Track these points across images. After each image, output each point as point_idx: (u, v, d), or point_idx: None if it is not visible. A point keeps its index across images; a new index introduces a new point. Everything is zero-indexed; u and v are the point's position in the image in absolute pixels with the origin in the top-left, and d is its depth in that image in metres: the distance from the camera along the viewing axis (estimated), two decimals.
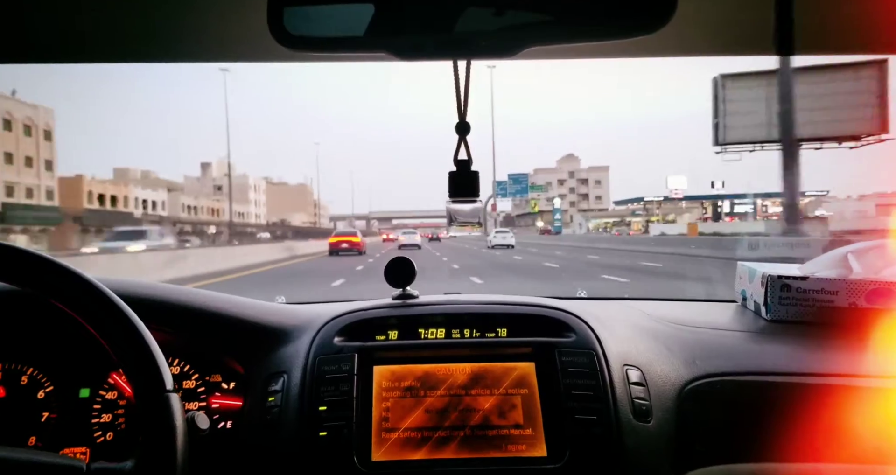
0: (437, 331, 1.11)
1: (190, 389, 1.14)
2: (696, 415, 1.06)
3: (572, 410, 0.99)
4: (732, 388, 1.09)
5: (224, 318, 1.16)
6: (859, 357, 1.14)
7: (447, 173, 0.97)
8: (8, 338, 1.13)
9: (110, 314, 0.82)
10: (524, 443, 0.98)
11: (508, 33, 0.73)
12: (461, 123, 0.93)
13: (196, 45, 1.03)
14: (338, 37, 0.75)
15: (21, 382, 1.12)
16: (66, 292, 0.83)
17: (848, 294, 1.29)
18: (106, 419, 1.11)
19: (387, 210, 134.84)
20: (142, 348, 0.81)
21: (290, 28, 0.72)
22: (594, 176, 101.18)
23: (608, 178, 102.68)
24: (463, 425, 0.99)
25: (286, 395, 1.03)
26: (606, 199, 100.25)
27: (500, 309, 1.14)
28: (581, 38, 0.73)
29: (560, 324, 1.11)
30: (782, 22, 0.98)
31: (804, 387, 1.08)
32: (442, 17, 0.72)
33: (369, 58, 0.90)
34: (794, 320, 1.31)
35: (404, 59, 0.76)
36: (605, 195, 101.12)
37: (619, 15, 0.71)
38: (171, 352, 1.12)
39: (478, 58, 0.86)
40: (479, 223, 1.04)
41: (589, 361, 1.04)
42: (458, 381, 1.03)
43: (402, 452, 0.97)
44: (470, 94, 0.93)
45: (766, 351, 1.21)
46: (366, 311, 1.14)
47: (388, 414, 1.00)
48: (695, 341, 1.20)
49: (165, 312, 1.13)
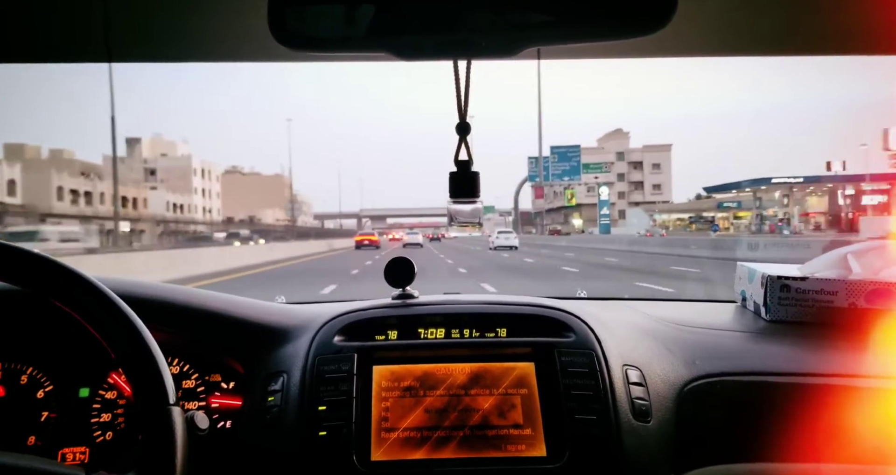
0: (437, 331, 1.11)
1: (189, 389, 1.14)
2: (695, 415, 1.06)
3: (572, 410, 0.99)
4: (732, 389, 1.09)
5: (224, 318, 1.16)
6: (859, 357, 1.14)
7: (448, 173, 0.97)
8: (8, 337, 1.13)
9: (111, 315, 0.82)
10: (523, 443, 0.98)
11: (509, 33, 0.73)
12: (461, 124, 0.93)
13: (197, 45, 1.03)
14: (338, 36, 0.75)
15: (21, 382, 1.12)
16: (67, 293, 0.83)
17: (847, 294, 1.29)
18: (105, 419, 1.11)
19: (380, 208, 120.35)
20: (144, 357, 0.80)
21: (291, 28, 0.72)
22: (651, 158, 73.95)
23: (670, 162, 74.83)
24: (462, 425, 0.99)
25: (286, 395, 1.03)
26: (668, 188, 74.15)
27: (500, 309, 1.14)
28: (581, 38, 0.73)
29: (560, 324, 1.11)
30: (782, 22, 0.98)
31: (804, 388, 1.08)
32: (442, 17, 0.72)
33: (370, 58, 0.91)
34: (794, 320, 1.32)
35: (405, 59, 0.77)
36: (666, 183, 74.25)
37: (619, 15, 0.71)
38: (170, 352, 1.12)
39: (478, 58, 0.87)
40: (480, 223, 1.04)
41: (588, 361, 1.04)
42: (457, 381, 1.03)
43: (401, 452, 0.97)
44: (471, 93, 0.93)
45: (765, 351, 1.21)
46: (365, 311, 1.14)
47: (388, 413, 1.00)
48: (694, 341, 1.20)
49: (165, 312, 1.13)
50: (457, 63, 0.90)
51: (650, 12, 0.69)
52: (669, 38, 0.85)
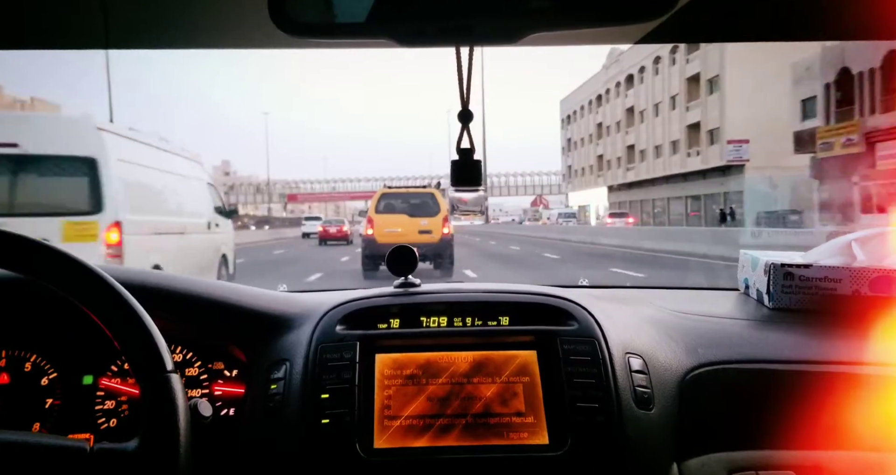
0: (439, 320, 1.11)
1: (192, 377, 1.15)
2: (697, 403, 1.07)
3: (574, 398, 0.99)
4: (734, 376, 1.09)
5: (226, 306, 1.16)
6: (862, 345, 1.14)
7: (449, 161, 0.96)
8: (11, 325, 1.14)
9: (108, 299, 0.82)
10: (526, 431, 0.98)
11: (511, 19, 0.73)
12: (464, 111, 0.93)
13: (196, 31, 1.03)
14: (339, 23, 0.74)
15: (25, 369, 1.12)
16: (65, 278, 0.83)
17: (851, 282, 1.29)
18: (109, 406, 1.11)
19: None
20: (140, 330, 0.81)
21: (291, 14, 0.71)
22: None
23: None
24: (465, 413, 1.00)
25: (288, 383, 1.03)
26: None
27: (502, 297, 1.14)
28: (584, 23, 0.73)
29: (562, 312, 1.11)
30: (784, 7, 0.97)
31: (807, 376, 1.08)
32: (444, 3, 0.71)
33: (370, 44, 0.90)
34: (797, 308, 1.31)
35: (406, 45, 0.76)
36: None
37: (622, 1, 0.70)
38: (173, 340, 1.12)
39: (480, 44, 0.86)
40: (482, 212, 1.03)
41: (591, 349, 1.04)
42: (459, 369, 1.04)
43: (404, 440, 0.97)
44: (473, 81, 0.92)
45: (768, 339, 1.21)
46: (367, 300, 1.14)
47: (391, 401, 1.01)
48: (697, 329, 1.20)
49: (167, 300, 1.13)
50: (459, 50, 0.89)
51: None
52: (673, 23, 0.84)
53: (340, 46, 1.10)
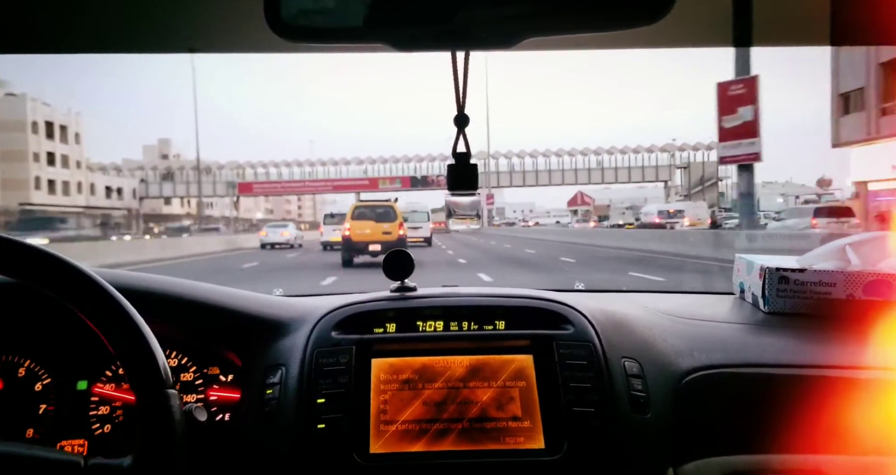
0: (436, 324, 1.11)
1: (188, 382, 1.14)
2: (693, 407, 1.07)
3: (570, 403, 0.99)
4: (730, 381, 1.09)
5: (222, 311, 1.15)
6: (857, 349, 1.14)
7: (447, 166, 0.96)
8: (5, 330, 1.13)
9: (107, 307, 0.82)
10: (522, 436, 0.98)
11: (507, 24, 0.73)
12: (460, 116, 0.93)
13: (191, 35, 1.02)
14: (335, 27, 0.74)
15: (18, 374, 1.12)
16: (62, 284, 0.82)
17: (846, 286, 1.29)
18: (104, 411, 1.11)
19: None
20: (140, 343, 0.80)
21: (287, 19, 0.71)
22: None
23: None
24: (461, 417, 0.99)
25: (284, 388, 1.02)
26: None
27: (498, 301, 1.14)
28: (580, 29, 0.73)
29: (558, 316, 1.10)
30: (780, 11, 0.97)
31: (802, 380, 1.08)
32: (440, 7, 0.71)
33: (366, 49, 0.90)
34: (792, 312, 1.32)
35: (402, 50, 0.76)
36: None
37: (617, 5, 0.70)
38: (168, 345, 1.12)
39: (476, 49, 0.86)
40: (478, 215, 1.04)
41: (587, 354, 1.04)
42: (456, 374, 1.03)
43: (400, 445, 0.97)
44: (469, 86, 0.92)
45: (763, 343, 1.21)
46: (364, 304, 1.14)
47: (387, 406, 1.00)
48: (693, 333, 1.20)
49: (163, 304, 1.13)
50: (455, 55, 0.89)
51: (649, 2, 0.69)
52: (670, 28, 0.84)
53: (336, 51, 1.10)
